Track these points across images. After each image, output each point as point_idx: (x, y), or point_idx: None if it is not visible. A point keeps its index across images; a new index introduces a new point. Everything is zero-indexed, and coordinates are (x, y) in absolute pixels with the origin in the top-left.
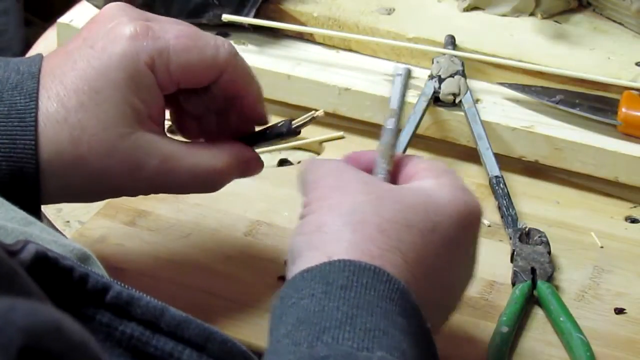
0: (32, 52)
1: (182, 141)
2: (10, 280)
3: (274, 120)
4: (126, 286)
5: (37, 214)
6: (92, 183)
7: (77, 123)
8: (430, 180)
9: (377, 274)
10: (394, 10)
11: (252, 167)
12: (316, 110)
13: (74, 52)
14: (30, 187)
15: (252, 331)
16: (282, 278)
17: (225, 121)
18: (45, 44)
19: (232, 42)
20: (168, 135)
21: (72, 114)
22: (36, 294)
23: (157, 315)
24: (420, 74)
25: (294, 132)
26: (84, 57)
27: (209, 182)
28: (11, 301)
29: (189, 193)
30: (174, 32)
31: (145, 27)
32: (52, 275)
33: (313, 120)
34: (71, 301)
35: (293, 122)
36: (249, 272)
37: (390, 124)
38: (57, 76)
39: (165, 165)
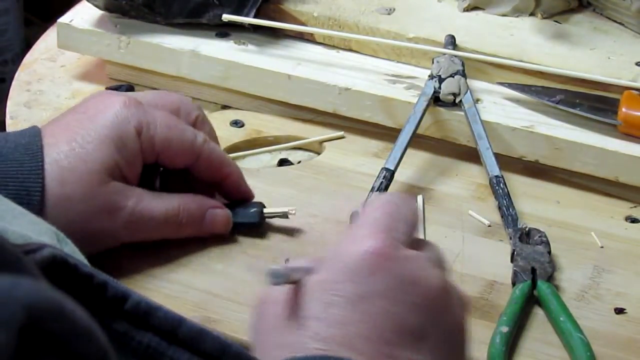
0: (32, 52)
1: (150, 191)
2: (15, 262)
3: (275, 121)
4: (144, 296)
5: None
6: (75, 224)
7: (67, 165)
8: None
9: None
10: (394, 10)
11: (219, 220)
12: (290, 211)
13: (68, 115)
14: (34, 207)
15: None
16: None
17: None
18: (46, 44)
19: (233, 42)
20: None
21: (63, 158)
22: (40, 278)
23: (174, 326)
24: (420, 74)
25: (262, 221)
26: (77, 120)
27: (177, 222)
28: (15, 278)
29: (164, 236)
30: (159, 113)
31: (136, 100)
32: (70, 280)
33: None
34: (90, 309)
35: (265, 210)
36: (248, 272)
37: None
38: (54, 135)
39: (140, 205)
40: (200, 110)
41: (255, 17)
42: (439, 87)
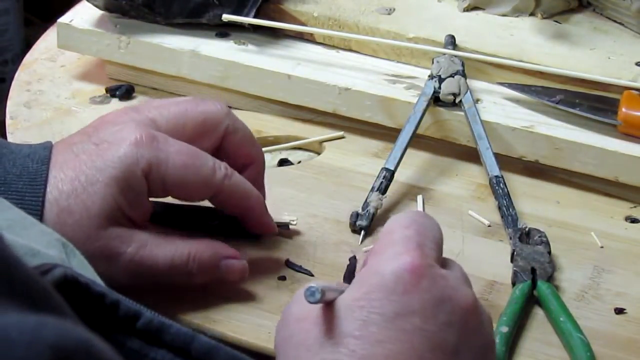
0: (32, 52)
1: (160, 232)
2: (43, 298)
3: (275, 121)
4: (155, 313)
5: None
6: None
7: (66, 207)
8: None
9: None
10: (394, 10)
11: (234, 271)
12: (292, 222)
13: (78, 144)
14: None
15: (252, 331)
16: (282, 278)
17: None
18: (45, 44)
19: (233, 42)
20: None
21: (64, 198)
22: (69, 314)
23: (186, 343)
24: (421, 74)
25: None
26: (86, 151)
27: (185, 271)
28: (42, 318)
29: (168, 282)
30: (175, 147)
31: (150, 136)
32: (82, 299)
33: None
34: (102, 327)
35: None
36: (249, 272)
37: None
38: (59, 163)
39: (141, 252)
40: (230, 117)
41: (255, 17)
42: (439, 87)
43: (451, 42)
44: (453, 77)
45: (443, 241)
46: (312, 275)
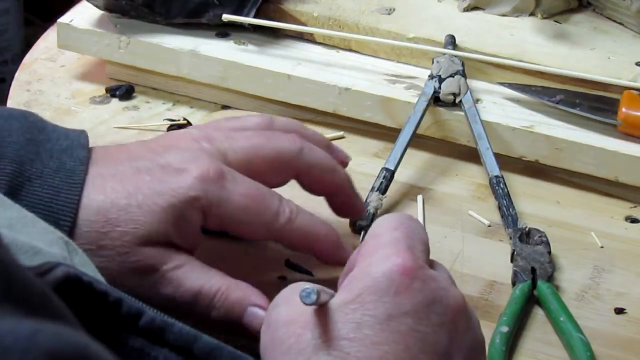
0: (32, 52)
1: (200, 262)
2: (41, 303)
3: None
4: (158, 312)
5: None
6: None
7: (114, 219)
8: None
9: None
10: (394, 10)
11: (256, 324)
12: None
13: (143, 161)
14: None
15: None
16: (282, 278)
17: None
18: (45, 44)
19: (233, 42)
20: None
21: (115, 210)
22: (68, 318)
23: (189, 342)
24: (420, 74)
25: None
26: (151, 172)
27: (210, 304)
28: (39, 323)
29: (186, 310)
30: (242, 188)
31: (218, 172)
32: (85, 298)
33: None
34: (105, 325)
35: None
36: (249, 272)
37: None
38: (117, 174)
39: (175, 271)
40: (304, 153)
41: (255, 17)
42: (439, 87)
43: (451, 42)
44: (453, 77)
45: (429, 243)
46: (313, 275)
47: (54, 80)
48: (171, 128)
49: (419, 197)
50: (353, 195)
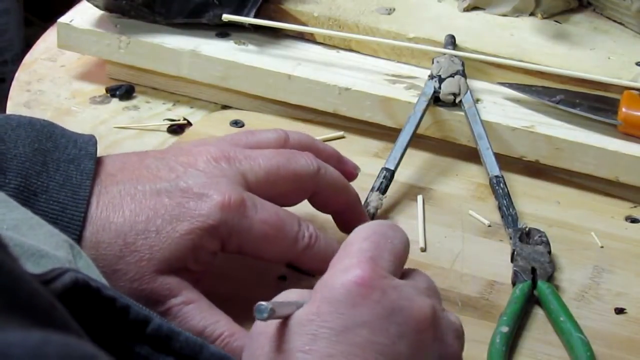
0: (32, 52)
1: (209, 302)
2: (48, 313)
3: (275, 121)
4: (165, 319)
5: None
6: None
7: (132, 242)
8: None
9: None
10: (394, 10)
11: None
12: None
13: (163, 183)
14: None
15: None
16: (282, 278)
17: None
18: (45, 44)
19: (233, 42)
20: None
21: (133, 234)
22: (74, 328)
23: (195, 351)
24: (420, 74)
25: None
26: (171, 195)
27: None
28: (46, 334)
29: None
30: (262, 216)
31: (239, 200)
32: (92, 304)
33: None
34: (112, 332)
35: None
36: (249, 272)
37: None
38: (133, 193)
39: (183, 307)
40: (321, 173)
41: (255, 17)
42: (439, 87)
43: (451, 42)
44: (453, 77)
45: (408, 251)
46: (313, 276)
47: (54, 80)
48: (171, 128)
49: (419, 197)
50: (361, 214)
